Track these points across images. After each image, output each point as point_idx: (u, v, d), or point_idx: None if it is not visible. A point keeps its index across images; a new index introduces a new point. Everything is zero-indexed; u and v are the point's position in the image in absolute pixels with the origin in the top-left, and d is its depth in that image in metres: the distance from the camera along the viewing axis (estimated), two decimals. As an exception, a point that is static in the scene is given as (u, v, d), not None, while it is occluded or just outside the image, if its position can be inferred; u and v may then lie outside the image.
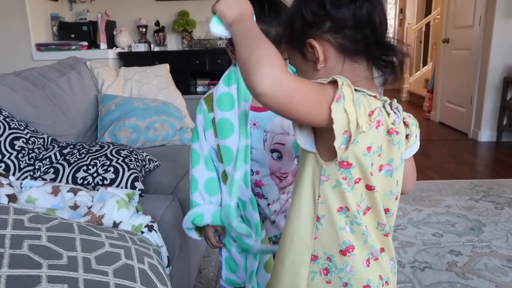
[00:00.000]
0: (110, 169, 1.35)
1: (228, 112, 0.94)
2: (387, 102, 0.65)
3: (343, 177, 0.64)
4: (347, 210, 0.65)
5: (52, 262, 0.61)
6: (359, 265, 0.67)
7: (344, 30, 0.64)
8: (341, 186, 0.64)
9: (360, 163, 0.62)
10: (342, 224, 0.66)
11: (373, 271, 0.69)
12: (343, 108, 0.57)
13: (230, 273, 1.05)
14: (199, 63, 3.63)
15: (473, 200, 2.46)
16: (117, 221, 1.01)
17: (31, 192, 1.10)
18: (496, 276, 1.67)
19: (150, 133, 1.91)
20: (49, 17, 3.55)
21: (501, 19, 3.66)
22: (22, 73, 1.71)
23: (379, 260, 0.69)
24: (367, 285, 0.68)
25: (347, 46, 0.65)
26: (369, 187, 0.65)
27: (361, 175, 0.64)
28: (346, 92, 0.58)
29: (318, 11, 0.64)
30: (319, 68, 0.67)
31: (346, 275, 0.67)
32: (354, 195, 0.65)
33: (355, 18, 0.63)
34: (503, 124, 3.82)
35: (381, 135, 0.63)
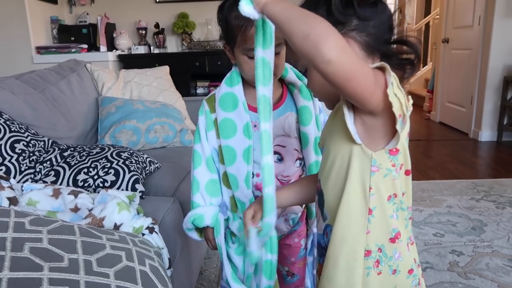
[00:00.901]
0: (110, 171, 1.35)
1: (231, 112, 0.94)
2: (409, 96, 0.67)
3: (392, 164, 0.65)
4: (395, 197, 0.67)
5: (53, 265, 0.61)
6: (405, 250, 0.69)
7: (368, 29, 0.66)
8: (391, 174, 0.66)
9: (404, 148, 0.65)
10: (391, 212, 0.67)
11: (411, 255, 0.71)
12: (393, 93, 0.59)
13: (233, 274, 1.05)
14: (199, 65, 3.64)
15: (474, 200, 2.46)
16: (118, 223, 1.01)
17: (32, 195, 1.10)
18: (498, 276, 1.67)
19: (151, 135, 1.91)
20: (49, 20, 3.56)
21: (501, 19, 3.66)
22: (23, 76, 1.71)
23: (414, 244, 0.72)
24: (411, 269, 0.69)
25: (371, 43, 0.67)
26: (408, 172, 0.68)
27: (403, 161, 0.66)
28: (393, 78, 0.59)
29: (346, 9, 0.65)
30: None
31: (395, 262, 0.68)
32: (400, 181, 0.67)
33: (379, 18, 0.66)
34: (504, 123, 3.81)
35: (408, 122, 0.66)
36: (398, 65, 0.68)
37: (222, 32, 0.93)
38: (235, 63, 0.96)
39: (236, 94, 0.94)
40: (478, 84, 3.95)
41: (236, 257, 1.01)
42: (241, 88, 0.95)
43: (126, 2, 3.86)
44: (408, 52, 0.69)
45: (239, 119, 0.93)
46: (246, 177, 0.94)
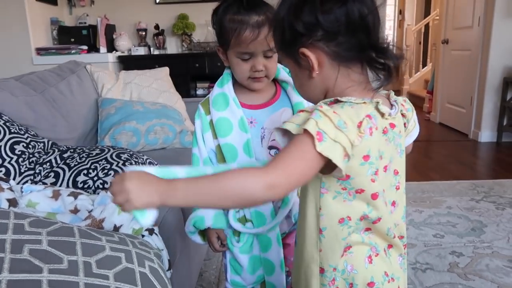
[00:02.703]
0: (110, 172, 1.35)
1: (223, 111, 0.96)
2: (380, 102, 0.64)
3: (343, 188, 0.64)
4: (349, 220, 0.66)
5: (52, 267, 0.61)
6: (360, 263, 0.68)
7: (337, 38, 0.62)
8: (341, 196, 0.65)
9: (358, 173, 0.63)
10: (345, 234, 0.67)
11: (377, 268, 0.69)
12: (332, 142, 0.57)
13: (235, 274, 1.05)
14: (199, 66, 3.64)
15: (474, 200, 2.46)
16: (118, 224, 1.01)
17: (32, 197, 1.10)
18: (498, 277, 1.66)
19: (150, 136, 1.91)
20: (49, 21, 3.56)
21: (500, 20, 3.66)
22: (22, 78, 1.71)
23: (381, 256, 0.69)
24: (371, 281, 0.68)
25: (342, 53, 0.63)
26: (374, 196, 0.65)
27: (362, 185, 0.64)
28: (325, 125, 0.58)
29: (309, 19, 0.62)
30: (314, 76, 0.66)
31: (349, 275, 0.67)
32: (358, 204, 0.65)
33: (347, 23, 0.61)
34: (503, 124, 3.81)
35: (377, 139, 0.63)
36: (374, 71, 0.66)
37: (216, 34, 0.94)
38: (227, 65, 0.97)
39: (226, 93, 0.97)
40: (477, 85, 3.95)
41: (241, 256, 1.01)
42: (230, 86, 0.97)
43: (126, 3, 3.87)
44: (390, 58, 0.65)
45: (233, 115, 0.95)
46: None
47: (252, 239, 1.00)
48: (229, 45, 0.91)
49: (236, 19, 0.88)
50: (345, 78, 0.65)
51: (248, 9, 0.87)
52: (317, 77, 0.66)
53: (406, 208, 0.77)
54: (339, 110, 0.60)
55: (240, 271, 1.03)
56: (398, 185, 0.72)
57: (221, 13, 0.91)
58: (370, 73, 0.68)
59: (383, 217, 0.67)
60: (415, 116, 0.75)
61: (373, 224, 0.67)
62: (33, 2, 3.29)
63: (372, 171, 0.63)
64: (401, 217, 0.74)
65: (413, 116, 0.74)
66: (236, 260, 1.02)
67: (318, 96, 0.69)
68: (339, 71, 0.65)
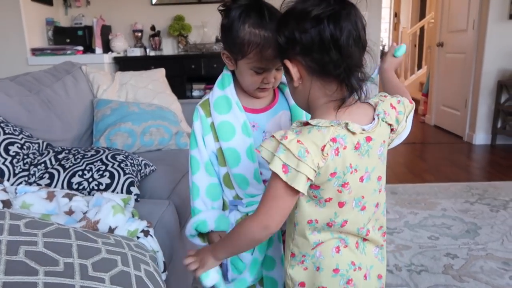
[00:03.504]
0: (105, 174, 1.34)
1: (226, 114, 0.95)
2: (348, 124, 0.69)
3: (314, 195, 0.74)
4: (316, 222, 0.76)
5: (48, 269, 0.61)
6: (328, 251, 0.78)
7: (312, 54, 0.68)
8: (313, 201, 0.75)
9: (326, 186, 0.72)
10: (310, 232, 0.77)
11: (343, 257, 0.78)
12: (295, 172, 0.67)
13: (238, 274, 1.04)
14: (195, 68, 3.63)
15: (468, 203, 2.48)
16: (113, 226, 1.00)
17: (26, 198, 1.09)
18: (492, 278, 1.67)
19: (146, 137, 1.90)
20: (44, 21, 3.54)
21: (495, 23, 3.69)
22: (17, 78, 1.70)
23: (349, 248, 0.79)
24: (336, 268, 0.78)
25: (315, 68, 0.70)
26: (340, 204, 0.74)
27: (330, 195, 0.73)
28: (287, 159, 0.67)
29: (289, 35, 0.70)
30: (297, 86, 0.74)
31: (317, 260, 0.78)
32: (326, 211, 0.75)
33: (320, 42, 0.67)
34: (498, 127, 3.84)
35: (347, 157, 0.70)
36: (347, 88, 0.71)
37: (226, 38, 0.90)
38: (232, 69, 0.96)
39: (229, 96, 0.95)
40: (472, 87, 3.98)
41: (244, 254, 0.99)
42: (232, 89, 0.96)
43: (122, 4, 3.86)
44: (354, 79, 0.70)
45: (236, 119, 0.94)
46: (254, 174, 0.95)
47: None
48: (245, 57, 0.88)
49: (259, 34, 0.85)
50: (320, 92, 0.72)
51: (271, 23, 0.83)
52: (300, 87, 0.74)
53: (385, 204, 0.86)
54: (304, 137, 0.68)
55: (242, 268, 1.02)
56: (381, 188, 0.81)
57: (238, 20, 0.86)
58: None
59: (349, 220, 0.76)
60: (409, 118, 0.81)
61: (341, 227, 0.76)
62: (28, 3, 3.27)
63: (338, 183, 0.71)
64: (381, 213, 0.84)
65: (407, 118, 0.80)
66: (238, 259, 1.01)
67: (302, 103, 0.78)
68: (313, 84, 0.72)
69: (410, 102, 0.83)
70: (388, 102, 0.78)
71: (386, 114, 0.75)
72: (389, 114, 0.76)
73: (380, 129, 0.74)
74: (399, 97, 0.81)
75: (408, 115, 0.81)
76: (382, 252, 0.86)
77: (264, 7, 0.87)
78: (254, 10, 0.86)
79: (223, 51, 0.94)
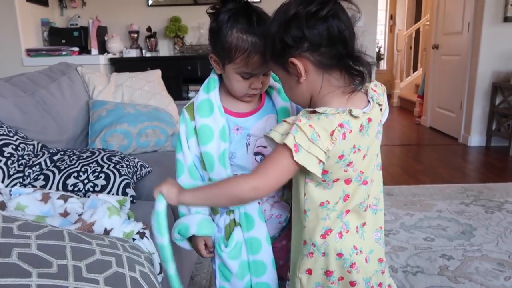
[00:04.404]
0: (101, 175, 1.33)
1: (207, 118, 0.95)
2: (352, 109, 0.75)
3: (322, 180, 0.79)
4: (328, 203, 0.82)
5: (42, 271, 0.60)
6: (332, 237, 0.83)
7: (320, 49, 0.74)
8: (321, 185, 0.80)
9: (334, 168, 0.77)
10: (324, 215, 0.82)
11: (346, 242, 0.84)
12: (306, 153, 0.72)
13: (225, 281, 1.03)
14: (191, 69, 3.63)
15: (463, 204, 2.49)
16: (108, 228, 1.00)
17: (21, 199, 1.08)
18: (487, 280, 1.68)
19: (142, 139, 1.90)
20: (40, 22, 3.52)
21: (489, 26, 3.72)
22: (12, 79, 1.69)
23: (351, 232, 0.84)
24: (340, 253, 0.83)
25: (324, 62, 0.75)
26: (347, 181, 0.81)
27: (337, 176, 0.79)
28: (301, 139, 0.72)
29: (297, 34, 0.74)
30: (302, 82, 0.78)
31: (322, 246, 0.83)
32: (335, 190, 0.81)
33: (328, 37, 0.73)
34: (492, 129, 3.86)
35: (352, 139, 0.76)
36: (351, 76, 0.77)
37: (214, 42, 0.90)
38: (219, 72, 0.95)
39: (212, 100, 0.95)
40: (467, 89, 4.00)
41: (230, 261, 0.99)
42: (217, 93, 0.96)
43: (118, 5, 3.85)
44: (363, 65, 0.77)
45: (215, 123, 0.94)
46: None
47: (240, 244, 0.99)
48: (232, 61, 0.88)
49: (247, 40, 0.84)
50: (326, 83, 0.77)
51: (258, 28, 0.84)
52: (304, 82, 0.78)
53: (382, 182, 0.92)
54: (315, 122, 0.73)
55: (229, 277, 1.01)
56: (379, 164, 0.88)
57: (226, 24, 0.86)
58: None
59: (350, 193, 0.82)
60: (385, 99, 0.88)
61: (344, 201, 0.82)
62: (23, 3, 3.26)
63: (344, 164, 0.78)
64: (379, 191, 0.90)
65: (385, 100, 0.87)
66: (225, 266, 1.01)
67: (305, 99, 0.82)
68: (320, 77, 0.77)
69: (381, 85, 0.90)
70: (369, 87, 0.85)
71: (377, 96, 0.83)
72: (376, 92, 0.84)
73: (375, 110, 0.81)
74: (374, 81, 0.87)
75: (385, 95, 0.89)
76: (382, 235, 0.91)
77: (253, 12, 0.86)
78: (243, 14, 0.85)
79: (211, 54, 0.94)
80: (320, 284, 0.86)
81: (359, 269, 0.84)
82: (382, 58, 7.87)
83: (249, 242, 0.98)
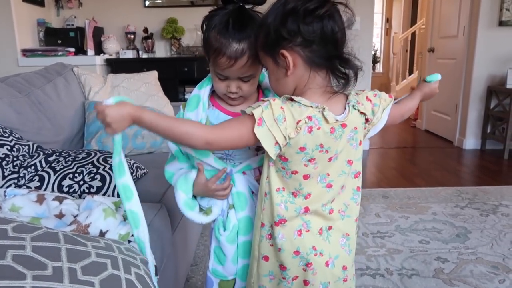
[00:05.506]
0: (96, 177, 1.33)
1: (191, 112, 0.97)
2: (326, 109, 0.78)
3: (282, 167, 0.83)
4: (283, 190, 0.84)
5: (36, 273, 0.60)
6: (290, 234, 0.85)
7: (312, 45, 0.76)
8: (281, 172, 0.83)
9: (294, 158, 0.80)
10: (278, 201, 0.84)
11: (305, 241, 0.85)
12: (267, 130, 0.75)
13: (218, 264, 1.03)
14: (188, 70, 3.63)
15: (458, 207, 2.50)
16: (104, 230, 0.99)
17: (15, 201, 1.08)
18: (482, 282, 1.69)
19: (138, 140, 1.89)
20: (36, 22, 3.51)
21: (485, 30, 3.74)
22: (7, 79, 1.68)
23: (311, 232, 0.85)
24: (297, 250, 0.85)
25: (313, 59, 0.78)
26: (305, 176, 0.82)
27: (297, 168, 0.81)
28: (267, 116, 0.75)
29: (292, 27, 0.76)
30: (289, 75, 0.80)
31: (279, 241, 0.85)
32: (292, 182, 0.83)
33: (321, 35, 0.75)
34: (487, 132, 3.89)
35: (319, 137, 0.78)
36: (336, 78, 0.80)
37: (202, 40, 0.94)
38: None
39: (201, 95, 0.98)
40: (462, 93, 4.02)
41: (227, 245, 1.00)
42: (207, 90, 0.99)
43: (114, 6, 3.84)
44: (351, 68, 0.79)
45: (196, 117, 0.96)
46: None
47: (236, 227, 0.99)
48: (209, 60, 0.92)
49: (218, 40, 0.87)
50: (311, 80, 0.80)
51: (233, 32, 0.85)
52: (291, 76, 0.80)
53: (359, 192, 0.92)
54: (287, 107, 0.76)
55: (223, 261, 1.02)
56: (353, 172, 0.88)
57: (209, 24, 0.89)
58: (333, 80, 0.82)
59: (313, 193, 0.84)
60: (387, 110, 0.89)
61: (305, 199, 0.84)
62: (19, 3, 3.24)
63: (306, 159, 0.80)
64: (349, 198, 0.90)
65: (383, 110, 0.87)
66: (220, 249, 1.02)
67: (288, 92, 0.83)
68: (305, 73, 0.79)
69: (389, 96, 0.91)
70: (364, 95, 0.87)
71: (359, 103, 0.83)
72: (363, 105, 0.84)
73: (352, 116, 0.82)
74: (376, 91, 0.89)
75: (386, 108, 0.89)
76: (350, 243, 0.91)
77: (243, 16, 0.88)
78: (231, 17, 0.87)
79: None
80: (273, 274, 0.90)
81: (316, 270, 0.86)
82: (378, 61, 7.90)
83: (241, 221, 1.00)
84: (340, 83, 0.81)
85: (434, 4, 4.61)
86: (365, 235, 2.11)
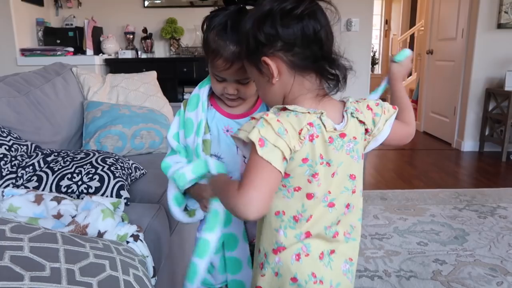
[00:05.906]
0: (95, 177, 1.32)
1: (191, 112, 0.98)
2: (324, 114, 0.72)
3: (283, 185, 0.73)
4: (283, 214, 0.75)
5: (34, 274, 0.59)
6: (287, 258, 0.76)
7: (294, 49, 0.70)
8: (281, 192, 0.74)
9: (297, 173, 0.72)
10: (277, 226, 0.76)
11: (303, 267, 0.75)
12: (272, 146, 0.66)
13: (206, 273, 1.03)
14: (187, 71, 3.62)
15: (456, 209, 2.50)
16: (102, 230, 0.99)
17: (13, 201, 1.07)
18: (480, 284, 1.69)
19: (137, 140, 1.89)
20: (35, 22, 3.50)
21: (483, 32, 3.75)
22: (6, 79, 1.67)
23: (311, 257, 0.75)
24: (294, 277, 0.75)
25: (297, 62, 0.71)
26: (309, 196, 0.73)
27: (299, 183, 0.73)
28: (267, 133, 0.67)
29: (270, 31, 0.70)
30: (274, 82, 0.74)
31: (276, 265, 0.77)
32: (294, 202, 0.74)
33: (303, 37, 0.69)
34: (485, 134, 3.90)
35: (319, 147, 0.71)
36: (325, 80, 0.74)
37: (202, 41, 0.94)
38: None
39: (200, 95, 0.98)
40: (461, 95, 4.03)
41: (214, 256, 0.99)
42: (206, 90, 0.99)
43: (114, 6, 3.83)
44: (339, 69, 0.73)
45: (196, 118, 0.97)
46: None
47: (222, 239, 0.99)
48: (208, 60, 0.92)
49: (216, 41, 0.86)
50: (299, 85, 0.74)
51: (231, 33, 0.84)
52: (277, 83, 0.74)
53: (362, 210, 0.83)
54: (283, 119, 0.69)
55: (211, 269, 1.02)
56: (354, 188, 0.79)
57: (209, 25, 0.88)
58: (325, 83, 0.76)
59: (315, 215, 0.75)
60: (389, 122, 0.81)
61: (307, 222, 0.74)
62: (18, 2, 3.23)
63: (309, 172, 0.72)
64: (357, 219, 0.81)
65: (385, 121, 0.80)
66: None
67: (277, 101, 0.77)
68: (295, 78, 0.73)
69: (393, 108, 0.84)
70: (365, 103, 0.80)
71: (358, 111, 0.76)
72: (362, 113, 0.77)
73: (350, 124, 0.76)
74: (379, 101, 0.82)
75: (389, 119, 0.82)
76: (352, 268, 0.81)
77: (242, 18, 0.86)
78: (230, 18, 0.86)
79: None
80: None
81: None
82: (377, 62, 7.91)
83: (226, 238, 0.99)
84: (331, 85, 0.75)
85: (433, 6, 4.62)
86: (363, 237, 2.11)
